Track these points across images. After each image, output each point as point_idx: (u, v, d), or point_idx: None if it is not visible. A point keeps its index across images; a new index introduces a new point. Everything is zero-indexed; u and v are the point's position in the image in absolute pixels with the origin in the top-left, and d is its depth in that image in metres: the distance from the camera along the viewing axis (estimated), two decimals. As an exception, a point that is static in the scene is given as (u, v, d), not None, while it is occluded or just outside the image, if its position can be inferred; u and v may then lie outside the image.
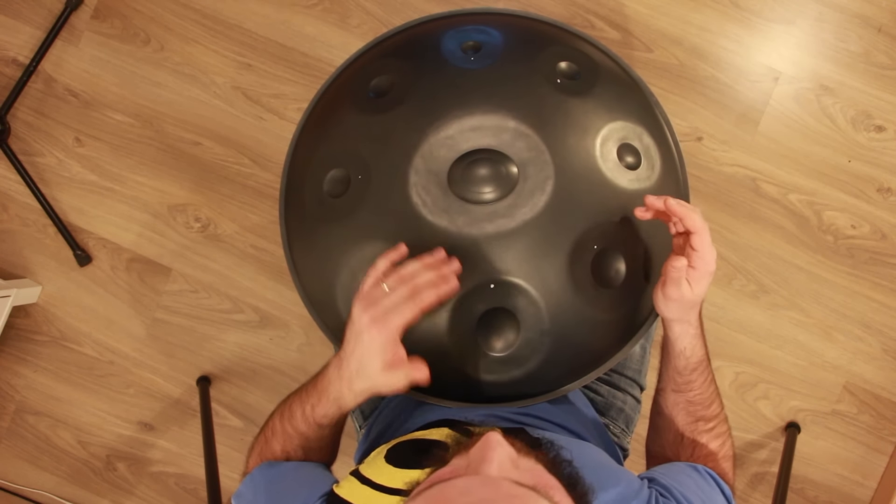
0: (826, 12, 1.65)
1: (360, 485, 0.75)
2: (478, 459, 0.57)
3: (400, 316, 0.78)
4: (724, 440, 0.89)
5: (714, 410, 0.88)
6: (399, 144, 0.85)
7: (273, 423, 0.90)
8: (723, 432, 0.89)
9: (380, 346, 0.78)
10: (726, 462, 0.89)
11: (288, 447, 0.88)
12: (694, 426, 0.88)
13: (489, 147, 0.84)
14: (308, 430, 0.86)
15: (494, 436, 0.58)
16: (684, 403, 0.88)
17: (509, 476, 0.56)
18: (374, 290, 0.80)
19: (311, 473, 0.86)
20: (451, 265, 0.81)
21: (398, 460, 0.77)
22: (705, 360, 0.86)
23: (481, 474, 0.55)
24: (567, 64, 0.90)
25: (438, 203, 0.83)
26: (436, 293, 0.79)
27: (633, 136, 0.89)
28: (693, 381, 0.86)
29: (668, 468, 0.83)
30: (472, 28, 0.93)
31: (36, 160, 1.80)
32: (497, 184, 0.83)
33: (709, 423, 0.88)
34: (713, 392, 0.88)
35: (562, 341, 0.86)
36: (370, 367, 0.79)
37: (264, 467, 0.87)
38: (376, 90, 0.90)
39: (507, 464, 0.57)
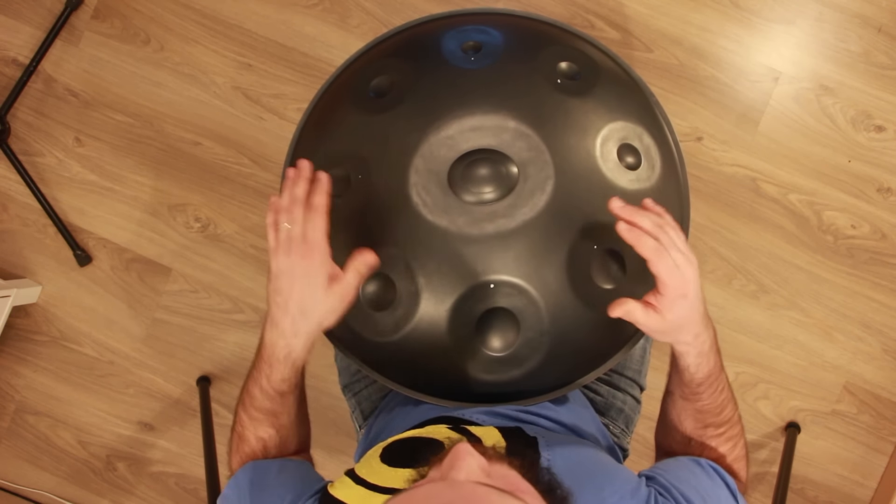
0: (826, 12, 1.65)
1: (355, 485, 0.75)
2: (447, 467, 0.57)
3: (314, 230, 0.78)
4: (736, 442, 0.87)
5: (725, 416, 0.86)
6: (399, 144, 0.85)
7: (239, 416, 0.89)
8: (734, 435, 0.87)
9: (316, 268, 0.78)
10: (738, 463, 0.87)
11: (260, 432, 0.87)
12: (703, 431, 0.86)
13: (489, 147, 0.84)
14: (272, 403, 0.85)
15: (463, 446, 0.58)
16: (692, 411, 0.86)
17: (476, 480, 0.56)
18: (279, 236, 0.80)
19: (296, 472, 0.85)
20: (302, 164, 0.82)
21: (393, 459, 0.77)
22: (714, 374, 0.82)
23: (448, 480, 0.55)
24: (567, 64, 0.90)
25: (438, 203, 0.83)
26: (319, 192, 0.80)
27: (634, 137, 0.89)
28: (701, 394, 0.83)
29: (671, 464, 0.81)
30: (473, 28, 0.93)
31: (36, 160, 1.80)
32: (497, 184, 0.83)
33: (719, 428, 0.86)
34: (724, 399, 0.85)
35: (561, 341, 0.86)
36: (313, 297, 0.78)
37: (248, 468, 0.86)
38: (376, 90, 0.90)
39: (475, 471, 0.56)
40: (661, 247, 0.75)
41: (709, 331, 0.81)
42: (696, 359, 0.80)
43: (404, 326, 0.85)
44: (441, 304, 0.83)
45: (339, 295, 0.79)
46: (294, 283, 0.78)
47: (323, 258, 0.78)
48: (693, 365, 0.81)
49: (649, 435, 0.96)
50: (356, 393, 1.16)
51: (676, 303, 0.76)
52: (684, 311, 0.77)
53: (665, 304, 0.76)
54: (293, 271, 0.78)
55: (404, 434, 0.83)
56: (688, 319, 0.78)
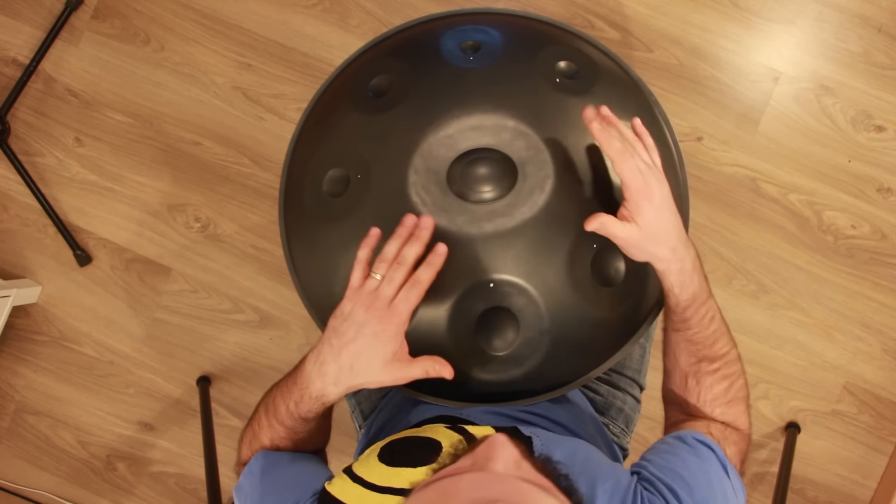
0: (826, 12, 1.65)
1: (352, 483, 0.75)
2: (484, 458, 0.57)
3: (406, 303, 0.76)
4: (733, 381, 0.85)
5: (719, 350, 0.85)
6: (398, 144, 0.85)
7: (259, 416, 0.89)
8: (730, 373, 0.85)
9: (387, 339, 0.76)
10: (735, 406, 0.86)
11: (276, 440, 0.87)
12: (697, 367, 0.85)
13: (488, 146, 0.84)
14: (294, 424, 0.84)
15: (500, 437, 0.58)
16: (684, 343, 0.85)
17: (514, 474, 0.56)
18: (368, 282, 0.78)
19: (306, 468, 0.85)
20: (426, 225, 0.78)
21: (391, 458, 0.77)
22: (700, 298, 0.82)
23: (488, 471, 0.56)
24: (566, 63, 0.90)
25: (438, 202, 0.83)
26: (431, 268, 0.77)
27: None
28: (689, 320, 0.83)
29: (656, 451, 0.80)
30: (472, 28, 0.93)
31: (36, 160, 1.80)
32: (496, 183, 0.83)
33: (713, 363, 0.85)
34: (715, 331, 0.84)
35: (561, 340, 0.86)
36: (371, 363, 0.76)
37: (260, 457, 0.86)
38: (376, 90, 0.90)
39: (511, 464, 0.57)
40: (625, 150, 0.76)
41: (689, 250, 0.81)
42: (677, 276, 0.80)
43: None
44: (440, 303, 0.83)
45: (396, 375, 0.77)
46: (358, 338, 0.76)
47: (398, 331, 0.76)
48: (676, 284, 0.81)
49: (649, 435, 0.97)
50: (356, 393, 1.16)
51: (642, 206, 0.77)
52: (653, 214, 0.78)
53: (632, 207, 0.77)
54: (363, 327, 0.76)
55: (402, 433, 0.83)
56: (659, 228, 0.79)
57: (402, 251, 0.78)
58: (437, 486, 0.57)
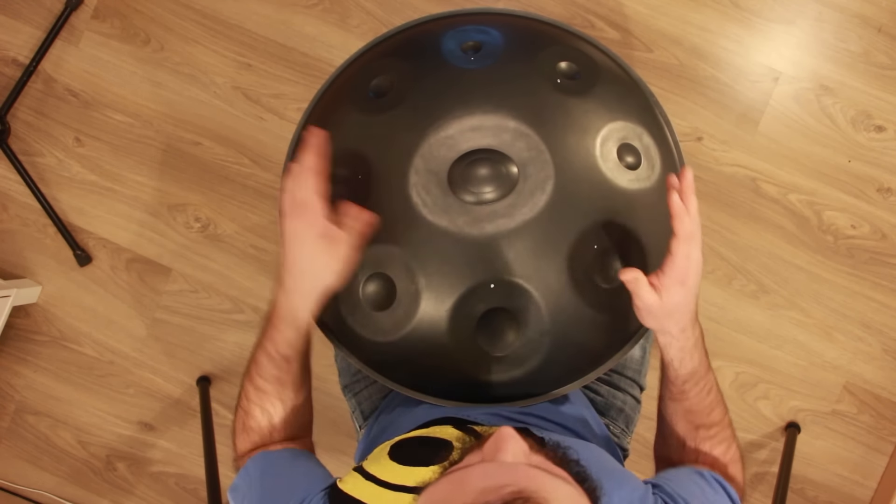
0: (826, 12, 1.65)
1: (365, 481, 0.75)
2: (492, 451, 0.58)
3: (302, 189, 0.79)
4: (729, 445, 0.88)
5: (715, 418, 0.87)
6: (399, 144, 0.85)
7: (245, 388, 0.90)
8: (726, 437, 0.88)
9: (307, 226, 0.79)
10: (733, 466, 0.88)
11: (266, 404, 0.88)
12: (695, 433, 0.87)
13: (489, 147, 0.84)
14: (278, 370, 0.86)
15: (508, 429, 0.59)
16: (682, 412, 0.87)
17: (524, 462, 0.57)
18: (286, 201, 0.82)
19: (307, 467, 0.86)
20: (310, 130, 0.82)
21: (403, 457, 0.77)
22: (699, 372, 0.84)
23: (497, 461, 0.57)
24: (567, 64, 0.90)
25: (438, 203, 0.83)
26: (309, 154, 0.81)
27: (633, 136, 0.89)
28: (687, 392, 0.85)
29: (674, 474, 0.82)
30: (472, 28, 0.93)
31: (36, 160, 1.80)
32: (497, 184, 0.83)
33: (710, 430, 0.87)
34: (712, 401, 0.86)
35: (562, 341, 0.86)
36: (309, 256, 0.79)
37: (258, 458, 0.86)
38: (376, 90, 0.90)
39: (520, 455, 0.58)
40: (692, 235, 0.79)
41: (695, 330, 0.83)
42: (678, 353, 0.82)
43: (405, 327, 0.85)
44: (441, 304, 0.83)
45: (333, 253, 0.80)
46: (293, 244, 0.81)
47: (313, 217, 0.79)
48: (676, 359, 0.83)
49: (649, 435, 0.96)
50: (356, 393, 1.16)
51: (675, 287, 0.79)
52: (679, 297, 0.79)
53: (665, 283, 0.78)
54: (292, 233, 0.81)
55: (412, 433, 0.83)
56: (679, 309, 0.80)
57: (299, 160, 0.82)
58: (448, 479, 0.57)
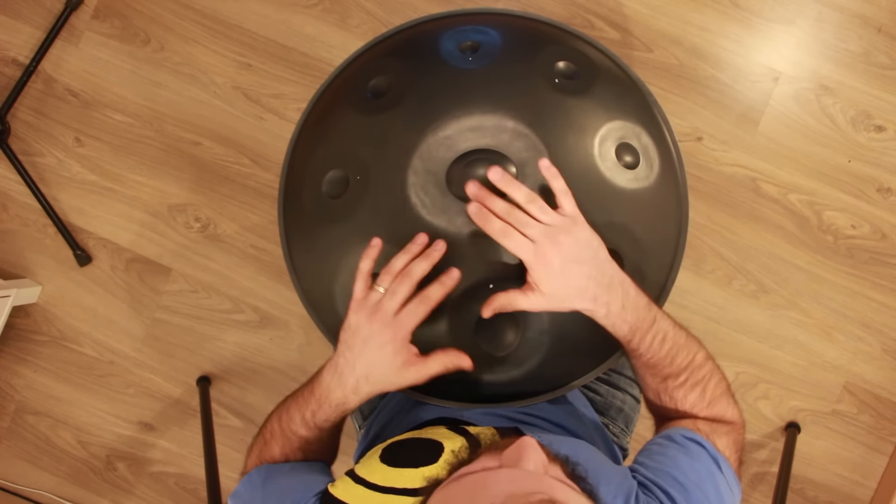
0: (826, 12, 1.65)
1: (355, 484, 0.75)
2: (514, 458, 0.58)
3: (412, 317, 0.78)
4: (706, 384, 0.84)
5: (680, 363, 0.83)
6: (397, 145, 0.85)
7: (272, 425, 0.89)
8: (700, 378, 0.84)
9: (393, 350, 0.78)
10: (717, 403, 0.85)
11: (287, 450, 0.88)
12: (664, 384, 0.85)
13: (488, 147, 0.84)
14: (308, 433, 0.86)
15: (530, 439, 0.58)
16: (643, 367, 0.85)
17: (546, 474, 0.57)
18: (371, 295, 0.80)
19: (308, 473, 0.86)
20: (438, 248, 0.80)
21: (393, 460, 0.77)
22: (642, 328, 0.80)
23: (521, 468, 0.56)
24: (565, 64, 0.90)
25: (437, 203, 0.83)
26: (442, 288, 0.79)
27: (632, 136, 0.89)
28: (637, 349, 0.82)
29: (648, 452, 0.80)
30: (471, 28, 0.93)
31: (36, 160, 1.80)
32: (496, 184, 0.83)
33: (678, 377, 0.84)
34: (669, 349, 0.82)
35: (561, 341, 0.86)
36: (383, 372, 0.79)
37: (262, 469, 0.87)
38: (374, 91, 0.90)
39: (541, 465, 0.57)
40: (504, 230, 0.76)
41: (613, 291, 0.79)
42: (605, 319, 0.80)
43: (404, 327, 0.85)
44: (441, 304, 0.83)
45: (412, 378, 0.80)
46: (366, 349, 0.79)
47: (404, 343, 0.79)
48: (608, 325, 0.81)
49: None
50: (356, 394, 1.16)
51: (542, 274, 0.76)
52: (555, 280, 0.77)
53: (534, 276, 0.77)
54: (369, 339, 0.79)
55: (404, 435, 0.83)
56: (567, 287, 0.78)
57: (410, 266, 0.80)
58: (468, 481, 0.57)
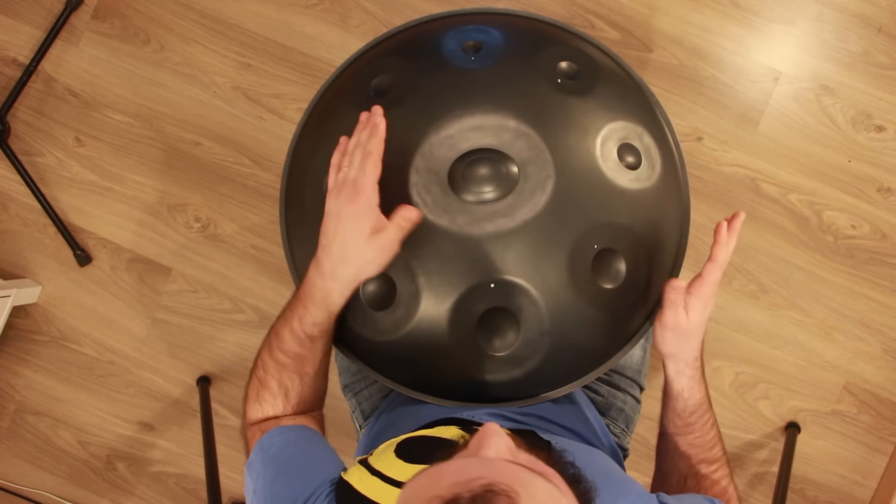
0: (826, 12, 1.65)
1: (370, 475, 0.75)
2: (475, 447, 0.58)
3: (364, 175, 0.79)
4: (727, 484, 0.89)
5: (716, 454, 0.89)
6: (399, 144, 0.85)
7: (262, 358, 0.89)
8: (725, 475, 0.89)
9: (360, 214, 0.79)
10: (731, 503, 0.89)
11: (283, 378, 0.87)
12: (697, 468, 0.88)
13: (489, 146, 0.84)
14: (300, 347, 0.85)
15: (492, 425, 0.59)
16: (686, 446, 0.88)
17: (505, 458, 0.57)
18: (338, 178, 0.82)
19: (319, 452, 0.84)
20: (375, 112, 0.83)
21: (409, 455, 0.77)
22: (705, 404, 0.87)
23: (478, 456, 0.56)
24: (567, 64, 0.90)
25: (439, 202, 0.83)
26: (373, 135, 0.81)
27: (634, 136, 0.89)
28: (693, 424, 0.86)
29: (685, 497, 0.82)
30: (473, 28, 0.93)
31: (36, 160, 1.80)
32: (497, 183, 0.83)
33: (711, 465, 0.88)
34: (714, 436, 0.88)
35: (562, 341, 0.85)
36: (355, 242, 0.79)
37: (274, 434, 0.85)
38: (376, 90, 0.90)
39: (504, 451, 0.57)
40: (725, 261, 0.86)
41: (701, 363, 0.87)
42: (689, 382, 0.85)
43: (404, 326, 0.85)
44: (441, 303, 0.83)
45: (379, 246, 0.80)
46: (339, 226, 0.80)
47: (368, 205, 0.79)
48: (687, 389, 0.85)
49: (649, 435, 0.97)
50: (356, 393, 1.16)
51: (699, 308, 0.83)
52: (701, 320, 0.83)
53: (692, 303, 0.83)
54: (340, 214, 0.80)
55: (417, 433, 0.83)
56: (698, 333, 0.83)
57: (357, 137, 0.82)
58: (426, 473, 0.57)
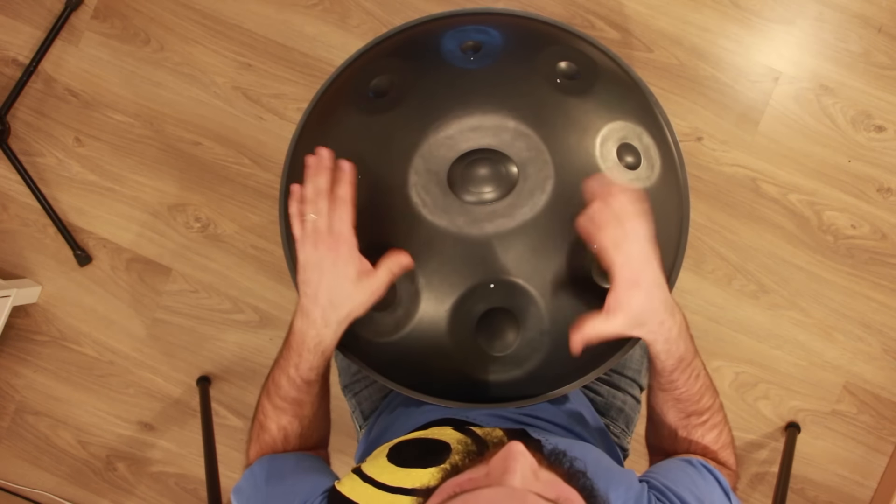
0: (826, 12, 1.65)
1: (362, 483, 0.75)
2: (500, 470, 0.56)
3: (340, 221, 0.79)
4: (720, 430, 0.88)
5: (705, 404, 0.87)
6: (399, 144, 0.85)
7: (262, 404, 0.89)
8: (717, 422, 0.88)
9: (344, 260, 0.78)
10: (725, 451, 0.88)
11: (282, 421, 0.88)
12: (686, 421, 0.87)
13: (489, 147, 0.84)
14: (298, 392, 0.85)
15: (517, 445, 0.57)
16: (672, 401, 0.87)
17: (532, 488, 0.55)
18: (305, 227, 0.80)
19: (312, 469, 0.85)
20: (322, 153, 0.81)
21: (401, 459, 0.77)
22: (686, 360, 0.83)
23: (505, 486, 0.55)
24: (567, 64, 0.90)
25: (438, 203, 0.83)
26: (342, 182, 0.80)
27: (633, 136, 0.89)
28: (675, 381, 0.84)
29: (665, 466, 0.82)
30: (472, 28, 0.93)
31: (36, 160, 1.80)
32: (497, 183, 0.83)
33: (701, 416, 0.87)
34: (701, 387, 0.86)
35: (562, 341, 0.85)
36: (343, 288, 0.79)
37: (264, 461, 0.86)
38: (376, 90, 0.90)
39: (529, 475, 0.56)
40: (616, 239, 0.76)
41: (675, 317, 0.81)
42: (664, 345, 0.81)
43: (404, 327, 0.85)
44: (441, 304, 0.83)
45: (368, 290, 0.80)
46: (323, 276, 0.79)
47: (350, 251, 0.79)
48: (663, 352, 0.82)
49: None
50: (356, 393, 1.16)
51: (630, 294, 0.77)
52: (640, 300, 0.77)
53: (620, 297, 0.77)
54: (321, 264, 0.79)
55: (410, 435, 0.83)
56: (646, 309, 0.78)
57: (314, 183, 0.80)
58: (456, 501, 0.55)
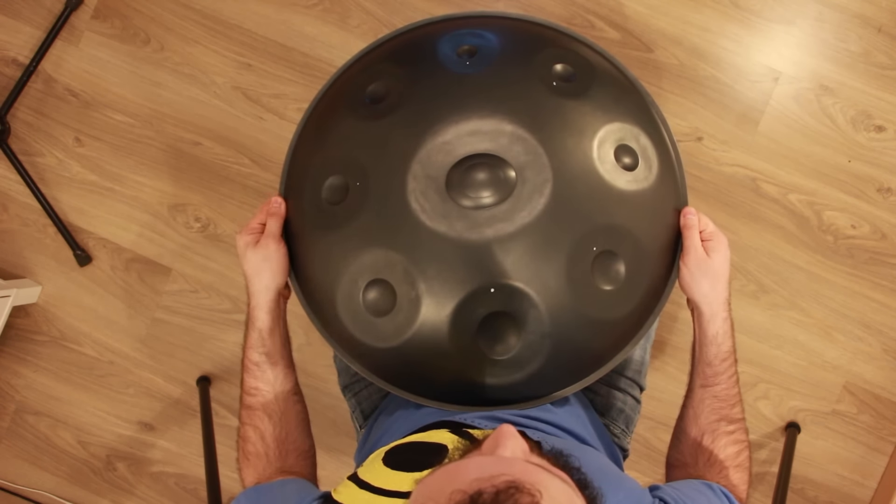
0: (826, 12, 1.65)
1: (359, 489, 0.75)
2: (491, 446, 0.58)
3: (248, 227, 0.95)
4: (741, 449, 0.89)
5: (737, 413, 0.89)
6: (396, 150, 0.85)
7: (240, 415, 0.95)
8: (741, 439, 0.89)
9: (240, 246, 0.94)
10: (741, 472, 0.89)
11: (255, 421, 0.92)
12: (716, 425, 0.89)
13: (487, 151, 0.84)
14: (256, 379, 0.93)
15: (508, 427, 0.59)
16: (710, 399, 0.89)
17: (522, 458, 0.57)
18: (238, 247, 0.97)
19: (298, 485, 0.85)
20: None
21: (396, 463, 0.77)
22: (733, 355, 0.89)
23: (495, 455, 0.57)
24: (563, 66, 0.90)
25: (437, 208, 0.83)
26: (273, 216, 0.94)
27: (630, 137, 0.89)
28: (721, 374, 0.88)
29: (683, 484, 0.81)
30: (468, 32, 0.93)
31: (36, 160, 1.80)
32: (495, 188, 0.83)
33: (731, 424, 0.89)
34: (737, 393, 0.90)
35: (562, 343, 0.86)
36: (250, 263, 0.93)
37: (250, 491, 0.86)
38: (372, 96, 0.90)
39: (519, 452, 0.57)
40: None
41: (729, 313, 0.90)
42: (723, 324, 0.88)
43: (405, 332, 0.85)
44: (442, 308, 0.83)
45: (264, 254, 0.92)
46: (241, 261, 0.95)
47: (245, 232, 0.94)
48: (721, 333, 0.88)
49: (649, 435, 0.97)
50: (356, 393, 1.16)
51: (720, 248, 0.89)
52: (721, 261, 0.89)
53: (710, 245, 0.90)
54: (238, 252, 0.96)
55: (406, 439, 0.83)
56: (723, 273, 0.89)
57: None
58: (443, 470, 0.57)
